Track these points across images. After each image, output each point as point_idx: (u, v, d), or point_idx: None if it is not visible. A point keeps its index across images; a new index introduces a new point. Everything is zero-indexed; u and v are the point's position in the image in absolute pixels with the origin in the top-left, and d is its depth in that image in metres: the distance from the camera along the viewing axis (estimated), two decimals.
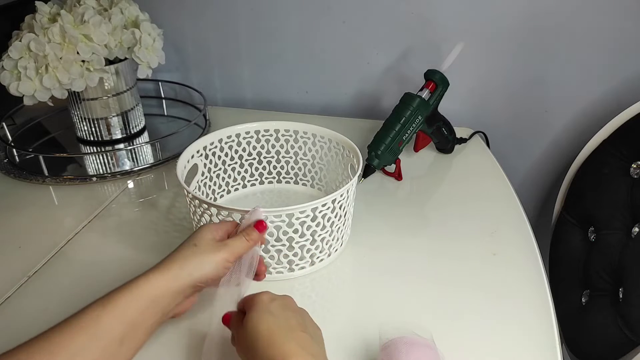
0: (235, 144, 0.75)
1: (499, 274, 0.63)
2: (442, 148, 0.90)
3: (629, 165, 0.80)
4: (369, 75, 1.02)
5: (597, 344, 0.76)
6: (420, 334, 0.48)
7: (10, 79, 0.77)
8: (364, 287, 0.62)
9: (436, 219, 0.74)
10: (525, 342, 0.54)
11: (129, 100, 0.91)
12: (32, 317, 0.58)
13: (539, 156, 1.03)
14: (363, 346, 0.53)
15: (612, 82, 0.91)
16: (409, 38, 0.96)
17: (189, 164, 0.69)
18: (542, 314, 0.58)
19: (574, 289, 0.84)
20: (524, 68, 0.93)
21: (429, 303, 0.59)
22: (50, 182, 0.82)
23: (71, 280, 0.63)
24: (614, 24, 0.85)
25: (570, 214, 0.90)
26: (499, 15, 0.89)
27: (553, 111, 0.97)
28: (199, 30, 1.05)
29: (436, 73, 0.82)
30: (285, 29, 1.01)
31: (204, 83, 1.11)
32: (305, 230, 0.59)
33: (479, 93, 0.98)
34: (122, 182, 0.84)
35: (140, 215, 0.76)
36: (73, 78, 0.78)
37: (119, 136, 0.92)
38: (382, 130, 0.81)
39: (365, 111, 1.06)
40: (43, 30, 0.77)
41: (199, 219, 0.61)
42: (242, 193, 0.79)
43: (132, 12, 0.85)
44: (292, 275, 0.63)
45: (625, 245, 0.76)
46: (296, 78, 1.06)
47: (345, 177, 0.73)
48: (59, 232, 0.71)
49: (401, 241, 0.69)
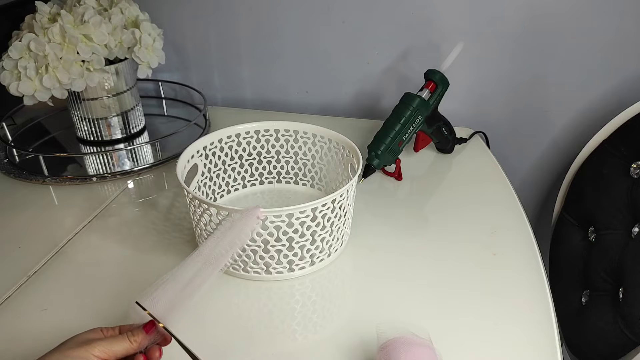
0: (235, 144, 0.75)
1: (499, 274, 0.63)
2: (442, 148, 0.90)
3: (629, 165, 0.80)
4: (369, 75, 1.02)
5: (597, 344, 0.76)
6: (419, 334, 0.48)
7: (10, 79, 0.77)
8: (364, 287, 0.62)
9: (436, 219, 0.74)
10: (525, 342, 0.54)
11: (129, 100, 0.91)
12: (32, 317, 0.58)
13: (539, 156, 1.03)
14: (361, 346, 0.53)
15: (612, 82, 0.91)
16: (409, 38, 0.96)
17: (189, 164, 0.69)
18: (542, 314, 0.58)
19: (574, 289, 0.84)
20: (523, 68, 0.93)
21: (429, 303, 0.59)
22: (50, 182, 0.82)
23: (71, 280, 0.63)
24: (614, 24, 0.85)
25: (570, 214, 0.90)
26: (499, 15, 0.89)
27: (553, 111, 0.97)
28: (199, 30, 1.06)
29: (436, 73, 0.82)
30: (285, 29, 1.01)
31: (204, 83, 1.11)
32: (305, 230, 0.59)
33: (479, 93, 0.98)
34: (122, 182, 0.84)
35: (140, 215, 0.76)
36: (73, 78, 0.78)
37: (119, 136, 0.92)
38: (382, 130, 0.81)
39: (365, 111, 1.06)
40: (43, 30, 0.77)
41: (199, 219, 0.61)
42: (242, 193, 0.80)
43: (132, 12, 0.85)
44: (292, 275, 0.63)
45: (625, 245, 0.76)
46: (296, 78, 1.06)
47: (345, 177, 0.73)
48: (59, 232, 0.71)
49: (401, 241, 0.69)
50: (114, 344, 0.44)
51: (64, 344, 0.44)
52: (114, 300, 0.60)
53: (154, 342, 0.46)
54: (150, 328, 0.46)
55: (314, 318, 0.58)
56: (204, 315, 0.57)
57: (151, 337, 0.46)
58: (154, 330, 0.46)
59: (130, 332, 0.45)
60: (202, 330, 0.55)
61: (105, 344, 0.44)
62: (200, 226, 0.62)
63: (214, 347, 0.48)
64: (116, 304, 0.59)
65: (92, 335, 0.45)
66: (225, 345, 0.53)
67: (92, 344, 0.43)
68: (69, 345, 0.44)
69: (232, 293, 0.61)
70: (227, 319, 0.58)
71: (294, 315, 0.58)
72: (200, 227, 0.62)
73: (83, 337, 0.45)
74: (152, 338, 0.46)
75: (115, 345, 0.44)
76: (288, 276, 0.62)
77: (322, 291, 0.62)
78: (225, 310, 0.59)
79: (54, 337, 0.54)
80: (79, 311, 0.59)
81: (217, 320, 0.57)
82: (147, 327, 0.46)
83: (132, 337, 0.45)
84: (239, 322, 0.57)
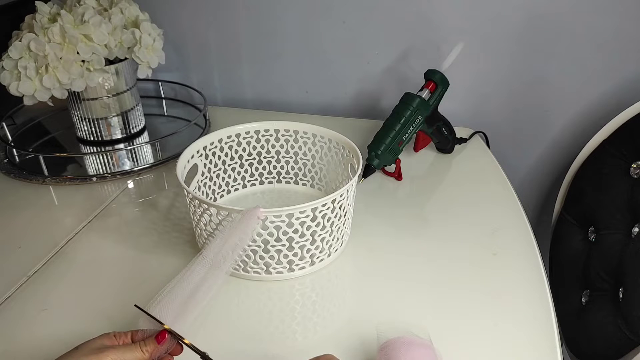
0: (235, 144, 0.75)
1: (498, 274, 0.63)
2: (442, 148, 0.90)
3: (629, 165, 0.80)
4: (369, 75, 1.02)
5: (597, 343, 0.76)
6: (418, 334, 0.48)
7: (10, 79, 0.77)
8: (364, 287, 0.62)
9: (436, 219, 0.74)
10: (525, 342, 0.54)
11: (129, 100, 0.91)
12: (32, 317, 0.58)
13: (539, 156, 1.03)
14: (361, 346, 0.53)
15: (612, 82, 0.91)
16: (409, 38, 0.96)
17: (189, 164, 0.69)
18: (542, 314, 0.58)
19: (574, 288, 0.84)
20: (524, 68, 0.93)
21: (429, 303, 0.59)
22: (50, 182, 0.82)
23: (71, 280, 0.63)
24: (614, 24, 0.85)
25: (570, 214, 0.90)
26: (499, 15, 0.89)
27: (553, 111, 0.97)
28: (199, 30, 1.06)
29: (436, 73, 0.82)
30: (285, 29, 1.01)
31: (204, 83, 1.11)
32: (305, 230, 0.59)
33: (478, 93, 0.98)
34: (122, 182, 0.84)
35: (140, 215, 0.76)
36: (73, 78, 0.78)
37: (119, 136, 0.92)
38: (382, 130, 0.81)
39: (365, 111, 1.06)
40: (43, 30, 0.77)
41: (199, 219, 0.61)
42: (242, 193, 0.79)
43: (132, 12, 0.85)
44: (292, 275, 0.63)
45: (625, 245, 0.76)
46: (296, 78, 1.06)
47: (345, 177, 0.73)
48: (59, 232, 0.71)
49: (401, 241, 0.69)
50: (126, 353, 0.44)
51: (78, 349, 0.44)
52: (114, 300, 0.60)
53: (166, 352, 0.47)
54: (162, 338, 0.46)
55: (314, 318, 0.58)
56: (204, 316, 0.57)
57: (163, 347, 0.46)
58: (166, 340, 0.46)
59: (143, 341, 0.46)
60: (202, 330, 0.55)
61: (117, 353, 0.44)
62: (200, 226, 0.62)
63: (214, 347, 0.48)
64: (116, 303, 0.59)
65: (106, 341, 0.46)
66: (225, 345, 0.53)
67: (105, 352, 0.44)
68: (83, 352, 0.44)
69: (232, 293, 0.61)
70: (227, 319, 0.58)
71: (294, 315, 0.58)
72: (200, 227, 0.62)
73: (97, 343, 0.45)
74: (163, 348, 0.46)
75: (127, 354, 0.44)
76: (288, 276, 0.62)
77: (322, 291, 0.62)
78: (225, 310, 0.59)
79: (54, 338, 0.55)
80: (79, 311, 0.59)
81: (217, 320, 0.57)
82: (159, 338, 0.46)
83: (144, 347, 0.45)
84: (239, 322, 0.57)
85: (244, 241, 0.53)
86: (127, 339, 0.47)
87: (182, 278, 0.49)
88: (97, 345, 0.45)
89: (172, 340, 0.46)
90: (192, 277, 0.49)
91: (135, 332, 0.47)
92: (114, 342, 0.46)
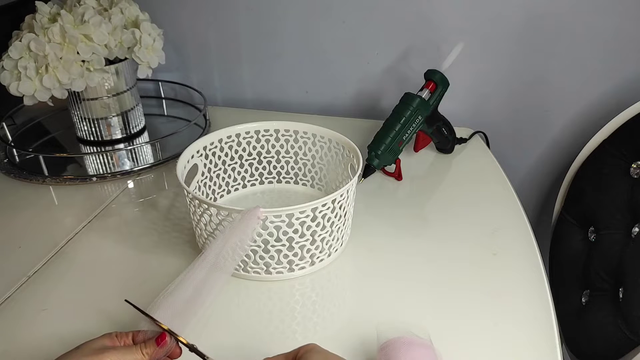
0: (235, 144, 0.75)
1: (499, 274, 0.63)
2: (442, 148, 0.90)
3: (629, 165, 0.80)
4: (369, 75, 1.02)
5: (597, 343, 0.76)
6: (418, 334, 0.48)
7: (10, 79, 0.77)
8: (364, 287, 0.62)
9: (436, 219, 0.74)
10: (525, 342, 0.54)
11: (129, 100, 0.91)
12: (32, 317, 0.58)
13: (539, 156, 1.03)
14: (361, 346, 0.53)
15: (612, 82, 0.91)
16: (409, 38, 0.96)
17: (189, 164, 0.69)
18: (542, 314, 0.58)
19: (574, 288, 0.84)
20: (523, 68, 0.93)
21: (429, 303, 0.59)
22: (50, 182, 0.82)
23: (71, 280, 0.63)
24: (614, 24, 0.85)
25: (570, 214, 0.90)
26: (499, 15, 0.89)
27: (553, 111, 0.97)
28: (199, 30, 1.06)
29: (436, 73, 0.82)
30: (285, 29, 1.01)
31: (204, 83, 1.11)
32: (305, 230, 0.59)
33: (478, 93, 0.98)
34: (122, 182, 0.84)
35: (140, 215, 0.76)
36: (73, 78, 0.78)
37: (119, 136, 0.92)
38: (382, 130, 0.81)
39: (365, 111, 1.06)
40: (43, 30, 0.77)
41: (199, 219, 0.61)
42: (242, 193, 0.79)
43: (132, 12, 0.85)
44: (292, 275, 0.63)
45: (625, 245, 0.76)
46: (296, 78, 1.06)
47: (345, 177, 0.73)
48: (59, 232, 0.71)
49: (401, 241, 0.69)
50: (127, 355, 0.45)
51: (79, 348, 0.45)
52: (114, 300, 0.59)
53: (166, 354, 0.47)
54: (162, 341, 0.46)
55: (314, 318, 0.58)
56: (206, 317, 0.57)
57: (163, 350, 0.46)
58: (165, 343, 0.46)
59: (143, 343, 0.46)
60: (202, 331, 0.55)
61: (117, 354, 0.44)
62: (200, 226, 0.62)
63: (213, 347, 0.48)
64: (116, 304, 0.59)
65: (107, 341, 0.46)
66: (225, 346, 0.53)
67: (105, 352, 0.44)
68: (83, 352, 0.44)
69: (232, 293, 0.61)
70: (227, 319, 0.58)
71: (294, 315, 0.58)
72: (200, 227, 0.62)
73: (98, 343, 0.45)
74: (164, 351, 0.46)
75: (128, 356, 0.45)
76: (288, 276, 0.62)
77: (322, 291, 0.62)
78: (225, 310, 0.59)
79: (54, 338, 0.55)
80: (79, 311, 0.59)
81: (217, 320, 0.57)
82: (159, 340, 0.46)
83: (144, 349, 0.45)
84: (239, 322, 0.57)
85: (244, 241, 0.53)
86: (128, 340, 0.47)
87: (183, 280, 0.49)
88: (98, 345, 0.45)
89: (172, 343, 0.46)
90: (193, 278, 0.49)
91: (136, 333, 0.47)
92: (115, 342, 0.46)
